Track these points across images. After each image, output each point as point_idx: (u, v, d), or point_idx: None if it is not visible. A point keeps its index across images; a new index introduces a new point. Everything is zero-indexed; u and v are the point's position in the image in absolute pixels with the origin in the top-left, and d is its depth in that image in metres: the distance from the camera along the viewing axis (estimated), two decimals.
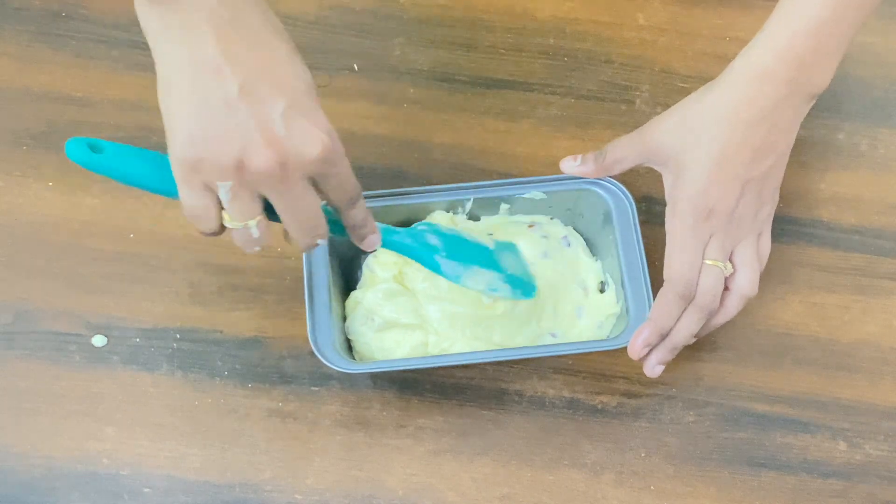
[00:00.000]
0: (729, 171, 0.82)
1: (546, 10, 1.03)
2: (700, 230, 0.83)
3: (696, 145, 0.82)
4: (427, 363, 0.86)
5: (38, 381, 0.87)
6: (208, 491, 0.85)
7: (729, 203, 0.82)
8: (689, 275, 0.83)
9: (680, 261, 0.83)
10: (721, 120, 0.81)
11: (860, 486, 0.87)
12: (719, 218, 0.82)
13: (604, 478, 0.87)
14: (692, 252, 0.83)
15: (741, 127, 0.81)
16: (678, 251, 0.83)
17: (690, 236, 0.83)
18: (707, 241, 0.83)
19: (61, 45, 0.99)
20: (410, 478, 0.86)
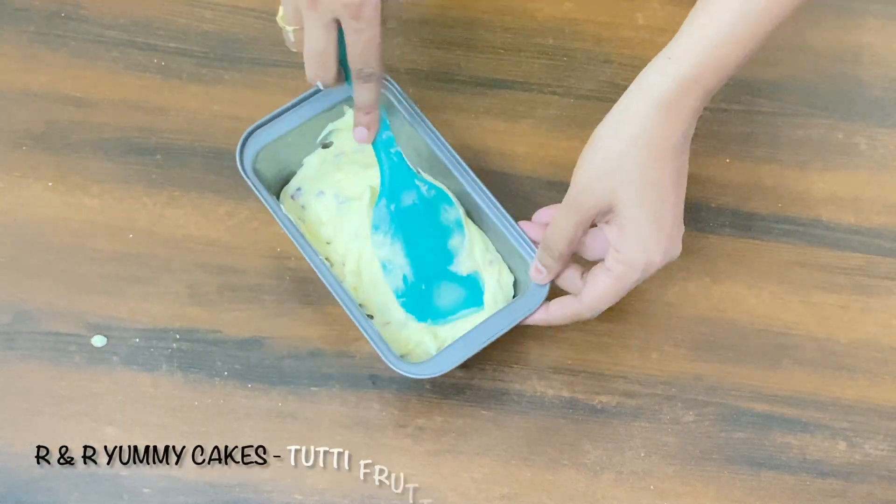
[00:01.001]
0: (667, 214, 0.78)
1: (545, 10, 1.03)
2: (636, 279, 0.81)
3: (630, 192, 0.77)
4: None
5: (38, 381, 0.87)
6: (208, 491, 0.85)
7: (672, 250, 0.80)
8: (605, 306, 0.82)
9: (609, 304, 0.82)
10: (645, 159, 0.77)
11: (860, 485, 0.87)
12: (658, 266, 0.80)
13: (603, 478, 0.87)
14: (620, 294, 0.81)
15: (665, 161, 0.77)
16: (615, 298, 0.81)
17: (632, 286, 0.81)
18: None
19: (61, 46, 0.99)
20: (410, 478, 0.86)
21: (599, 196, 0.78)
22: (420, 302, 0.88)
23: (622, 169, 0.77)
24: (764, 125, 0.99)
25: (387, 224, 0.88)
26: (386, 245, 0.88)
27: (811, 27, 1.04)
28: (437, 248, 0.89)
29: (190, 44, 0.99)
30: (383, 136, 0.86)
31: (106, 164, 0.94)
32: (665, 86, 0.76)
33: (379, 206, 0.88)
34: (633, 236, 0.78)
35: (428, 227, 0.89)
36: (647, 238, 0.78)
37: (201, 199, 0.94)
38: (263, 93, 0.97)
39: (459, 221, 0.89)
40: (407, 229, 0.88)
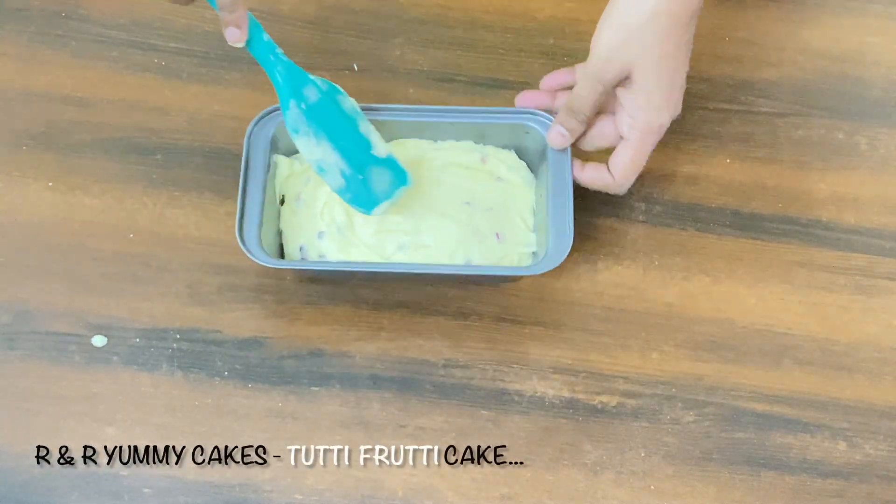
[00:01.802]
0: (677, 81, 0.86)
1: (546, 10, 1.03)
2: (653, 141, 0.88)
3: (646, 59, 0.84)
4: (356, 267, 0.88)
5: (38, 381, 0.87)
6: (208, 491, 0.85)
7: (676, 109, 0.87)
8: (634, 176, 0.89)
9: (635, 170, 0.89)
10: (661, 28, 0.83)
11: (860, 485, 0.87)
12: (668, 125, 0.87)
13: (603, 477, 0.87)
14: (643, 160, 0.89)
15: (679, 31, 0.84)
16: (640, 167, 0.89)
17: (647, 151, 0.88)
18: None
19: (61, 46, 0.99)
20: (410, 478, 0.86)
21: (621, 65, 0.84)
22: (362, 193, 0.88)
23: (642, 40, 0.83)
24: (764, 125, 0.99)
25: (304, 125, 0.87)
26: (312, 145, 0.88)
27: (811, 27, 1.04)
28: (354, 138, 0.89)
29: (190, 44, 0.99)
30: (264, 38, 0.85)
31: (106, 164, 0.94)
32: None
33: (289, 109, 0.87)
34: (645, 102, 0.85)
35: (339, 118, 0.89)
36: (658, 102, 0.86)
37: (201, 199, 0.94)
38: (263, 93, 0.97)
39: (356, 107, 0.90)
40: (324, 125, 0.88)
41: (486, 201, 0.91)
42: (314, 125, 0.88)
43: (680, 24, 0.84)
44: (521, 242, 0.90)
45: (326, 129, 0.88)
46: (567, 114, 0.88)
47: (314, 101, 0.88)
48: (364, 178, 0.89)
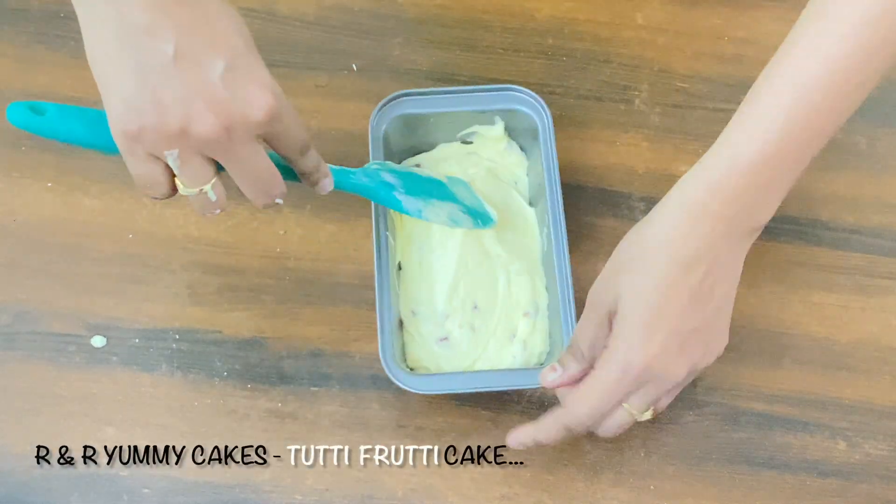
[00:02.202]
0: (666, 323, 0.73)
1: (545, 9, 1.03)
2: (627, 385, 0.75)
3: (631, 290, 0.74)
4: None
5: (38, 382, 0.87)
6: (208, 491, 0.85)
7: (665, 362, 0.74)
8: (593, 421, 0.77)
9: (591, 408, 0.76)
10: (655, 262, 0.74)
11: (859, 485, 0.87)
12: (651, 374, 0.74)
13: (603, 477, 0.87)
14: (609, 403, 0.76)
15: (675, 269, 0.73)
16: (595, 399, 0.75)
17: (614, 389, 0.75)
18: (632, 390, 0.76)
19: (60, 46, 0.99)
20: (410, 478, 0.86)
21: (608, 295, 0.75)
22: (478, 215, 0.90)
23: (630, 270, 0.75)
24: None
25: (416, 201, 0.88)
26: (435, 210, 0.89)
27: None
28: (431, 184, 0.90)
29: None
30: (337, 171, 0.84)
31: (105, 165, 0.94)
32: (691, 191, 0.74)
33: (400, 200, 0.88)
34: (619, 333, 0.74)
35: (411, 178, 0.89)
36: (632, 339, 0.74)
37: None
38: None
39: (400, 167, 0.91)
40: (416, 190, 0.88)
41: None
42: (418, 196, 0.88)
43: (676, 264, 0.73)
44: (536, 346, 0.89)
45: (421, 191, 0.89)
46: (568, 349, 0.79)
47: (396, 181, 0.88)
48: (468, 202, 0.90)
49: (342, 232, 0.93)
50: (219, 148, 0.68)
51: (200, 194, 0.70)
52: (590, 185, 0.96)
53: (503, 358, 0.87)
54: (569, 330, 0.85)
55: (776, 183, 0.74)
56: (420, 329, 0.88)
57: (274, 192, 0.74)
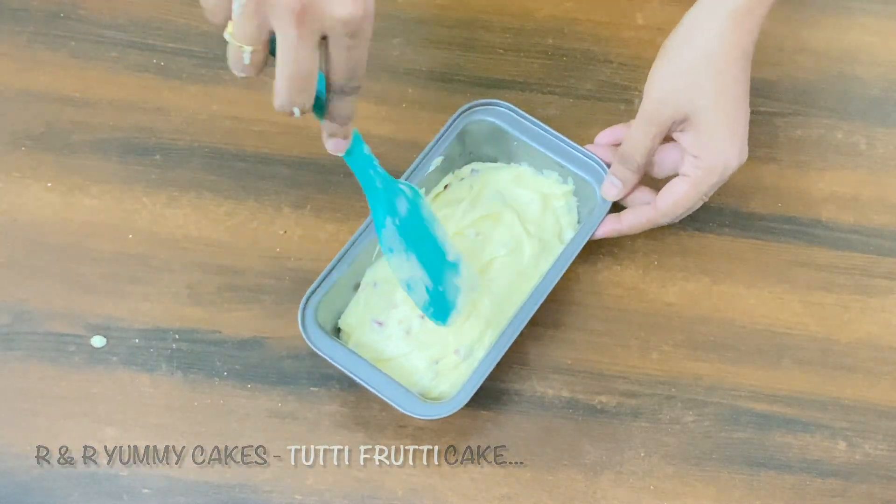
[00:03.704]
0: (742, 124, 0.83)
1: (544, 9, 1.03)
2: (718, 185, 0.86)
3: (705, 101, 0.82)
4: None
5: (38, 382, 0.87)
6: (208, 491, 0.85)
7: (742, 153, 0.84)
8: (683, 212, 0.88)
9: (687, 209, 0.87)
10: (721, 71, 0.82)
11: (859, 485, 0.87)
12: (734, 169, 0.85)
13: (603, 477, 0.87)
14: (697, 199, 0.87)
15: (739, 73, 0.82)
16: (692, 202, 0.86)
17: (709, 191, 0.86)
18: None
19: (60, 46, 0.99)
20: (410, 478, 0.86)
21: (676, 107, 0.83)
22: (440, 306, 0.85)
23: (697, 80, 0.82)
24: (763, 125, 0.99)
25: (398, 242, 0.82)
26: (402, 262, 0.83)
27: (810, 27, 1.04)
28: (433, 246, 0.85)
29: (189, 44, 0.99)
30: (364, 150, 0.79)
31: (105, 165, 0.94)
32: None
33: (385, 227, 0.81)
34: (709, 142, 0.83)
35: (422, 228, 0.84)
36: (723, 142, 0.83)
37: (201, 200, 0.94)
38: (262, 93, 0.97)
39: (430, 209, 0.85)
40: (412, 238, 0.83)
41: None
42: (405, 241, 0.83)
43: (736, 64, 0.82)
44: None
45: (414, 243, 0.83)
46: (620, 163, 0.87)
47: (405, 214, 0.82)
48: (444, 289, 0.85)
49: (342, 232, 0.93)
50: (284, 21, 0.65)
51: (238, 49, 0.67)
52: None
53: (413, 372, 0.87)
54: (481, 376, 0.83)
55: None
56: (369, 301, 0.88)
57: (300, 99, 0.69)
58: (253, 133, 0.96)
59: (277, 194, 0.94)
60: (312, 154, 0.95)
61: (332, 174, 0.95)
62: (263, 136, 0.96)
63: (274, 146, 0.95)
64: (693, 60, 0.82)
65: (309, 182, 0.94)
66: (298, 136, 0.96)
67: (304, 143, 0.96)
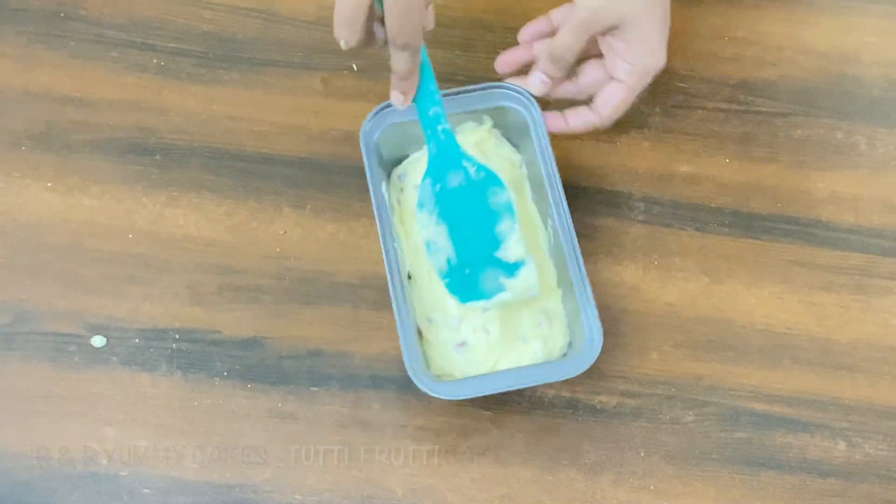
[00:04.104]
0: (666, 27, 0.89)
1: (545, 9, 1.02)
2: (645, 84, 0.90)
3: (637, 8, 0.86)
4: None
5: (38, 382, 0.87)
6: (208, 491, 0.85)
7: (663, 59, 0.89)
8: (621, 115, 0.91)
9: (621, 111, 0.90)
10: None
11: (860, 485, 0.87)
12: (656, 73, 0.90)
13: (603, 478, 0.87)
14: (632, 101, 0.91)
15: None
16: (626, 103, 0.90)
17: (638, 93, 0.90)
18: None
19: (60, 46, 0.99)
20: (410, 478, 0.86)
21: (611, 15, 0.86)
22: (464, 285, 0.86)
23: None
24: (764, 125, 0.99)
25: (431, 204, 0.86)
26: (430, 225, 0.86)
27: (811, 27, 1.04)
28: (482, 233, 0.86)
29: (189, 44, 0.99)
30: (430, 111, 0.84)
31: (105, 165, 0.94)
32: None
33: (424, 184, 0.86)
34: (643, 47, 0.88)
35: (474, 210, 0.86)
36: (655, 46, 0.88)
37: (201, 200, 0.94)
38: (263, 93, 0.97)
39: (510, 206, 0.86)
40: (452, 211, 0.86)
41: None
42: (440, 208, 0.86)
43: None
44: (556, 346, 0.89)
45: (452, 216, 0.86)
46: (549, 61, 0.90)
47: (453, 186, 0.86)
48: (472, 272, 0.86)
49: (342, 232, 0.93)
50: None
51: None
52: (590, 186, 0.96)
53: (524, 356, 0.87)
54: (588, 318, 0.84)
55: None
56: (438, 336, 0.87)
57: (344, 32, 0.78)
58: (253, 133, 0.96)
59: (277, 194, 0.94)
60: (312, 154, 0.95)
61: (332, 174, 0.95)
62: (263, 136, 0.96)
63: (274, 146, 0.95)
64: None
65: (309, 182, 0.94)
66: (298, 136, 0.96)
67: (304, 143, 0.96)
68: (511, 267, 0.86)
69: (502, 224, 0.86)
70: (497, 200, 0.87)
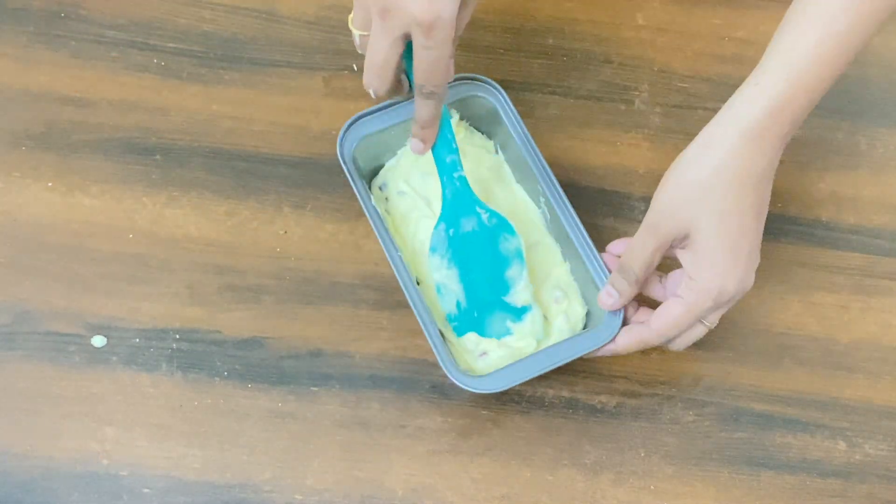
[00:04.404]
0: (745, 245, 0.79)
1: (545, 9, 1.03)
2: (715, 307, 0.81)
3: (708, 218, 0.78)
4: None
5: (38, 382, 0.87)
6: (208, 491, 0.85)
7: (747, 282, 0.81)
8: (676, 333, 0.83)
9: (680, 329, 0.82)
10: (728, 188, 0.78)
11: (860, 485, 0.87)
12: (736, 295, 0.81)
13: (603, 477, 0.87)
14: (692, 322, 0.82)
15: (748, 192, 0.78)
16: (685, 323, 0.82)
17: (703, 314, 0.81)
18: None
19: (60, 46, 0.99)
20: (410, 478, 0.86)
21: (678, 222, 0.79)
22: (471, 327, 0.87)
23: (703, 197, 0.78)
24: None
25: (444, 248, 0.87)
26: (442, 269, 0.87)
27: None
28: (493, 277, 0.88)
29: (190, 44, 0.99)
30: (447, 159, 0.86)
31: (106, 165, 0.94)
32: (752, 115, 0.77)
33: (438, 229, 0.87)
34: (707, 265, 0.79)
35: (485, 255, 0.88)
36: (721, 267, 0.79)
37: (201, 199, 0.94)
38: (263, 93, 0.97)
39: (520, 252, 0.88)
40: (464, 256, 0.88)
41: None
42: (452, 252, 0.87)
43: (746, 185, 0.78)
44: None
45: (464, 261, 0.88)
46: (619, 272, 0.83)
47: (466, 231, 0.87)
48: (479, 315, 0.88)
49: (342, 232, 0.93)
50: (373, 14, 0.77)
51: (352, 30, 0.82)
52: (590, 186, 0.96)
53: (550, 336, 0.88)
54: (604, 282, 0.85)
55: (825, 87, 0.79)
56: (460, 341, 0.88)
57: (374, 83, 0.81)
58: (253, 133, 0.96)
59: (277, 194, 0.94)
60: (313, 154, 0.95)
61: (332, 174, 0.94)
62: (263, 136, 0.96)
63: (274, 146, 0.95)
64: (701, 175, 0.78)
65: (309, 182, 0.94)
66: (298, 136, 0.96)
67: (304, 143, 0.96)
68: (518, 311, 0.88)
69: (511, 269, 0.88)
70: (507, 246, 0.88)
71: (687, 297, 0.80)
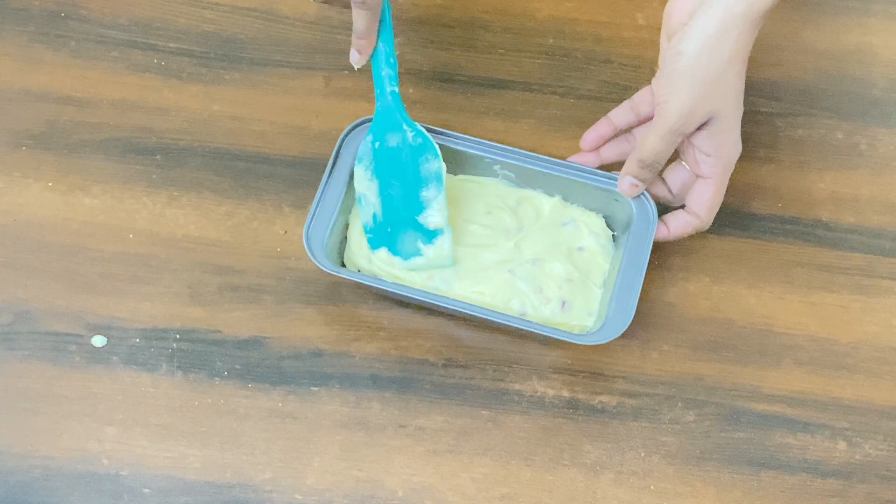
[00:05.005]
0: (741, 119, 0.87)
1: (545, 9, 1.03)
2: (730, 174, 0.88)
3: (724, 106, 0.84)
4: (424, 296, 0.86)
5: (38, 382, 0.87)
6: (208, 491, 0.85)
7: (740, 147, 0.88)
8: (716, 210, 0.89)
9: (717, 205, 0.88)
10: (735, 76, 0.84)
11: (860, 485, 0.87)
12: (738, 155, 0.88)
13: (603, 477, 0.87)
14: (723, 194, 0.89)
15: (744, 66, 0.85)
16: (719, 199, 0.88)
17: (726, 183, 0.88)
18: None
19: (61, 46, 0.99)
20: (410, 478, 0.86)
21: (700, 117, 0.84)
22: (384, 242, 0.89)
23: (722, 87, 0.84)
24: (764, 125, 0.99)
25: (368, 160, 0.89)
26: (364, 180, 0.89)
27: (811, 27, 1.04)
28: (410, 195, 0.90)
29: (190, 44, 0.99)
30: (383, 72, 0.88)
31: (106, 165, 0.94)
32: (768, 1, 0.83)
33: (366, 140, 0.89)
34: (730, 140, 0.87)
35: (406, 172, 0.89)
36: (736, 136, 0.87)
37: (201, 200, 0.94)
38: (263, 93, 0.97)
39: (439, 175, 0.89)
40: (386, 170, 0.89)
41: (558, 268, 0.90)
42: (375, 164, 0.89)
43: (745, 61, 0.85)
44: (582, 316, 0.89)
45: (384, 174, 0.89)
46: (641, 166, 0.87)
47: (390, 146, 0.89)
48: (392, 231, 0.89)
49: None
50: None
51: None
52: None
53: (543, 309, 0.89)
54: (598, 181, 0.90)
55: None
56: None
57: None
58: (253, 133, 0.96)
59: (278, 194, 0.94)
60: (313, 154, 0.95)
61: None
62: (263, 136, 0.96)
63: (274, 146, 0.96)
64: (717, 71, 0.83)
65: (309, 182, 0.94)
66: (299, 136, 0.96)
67: (304, 143, 0.96)
68: (429, 233, 0.89)
69: (429, 190, 0.89)
70: (429, 167, 0.89)
71: (715, 174, 0.87)
